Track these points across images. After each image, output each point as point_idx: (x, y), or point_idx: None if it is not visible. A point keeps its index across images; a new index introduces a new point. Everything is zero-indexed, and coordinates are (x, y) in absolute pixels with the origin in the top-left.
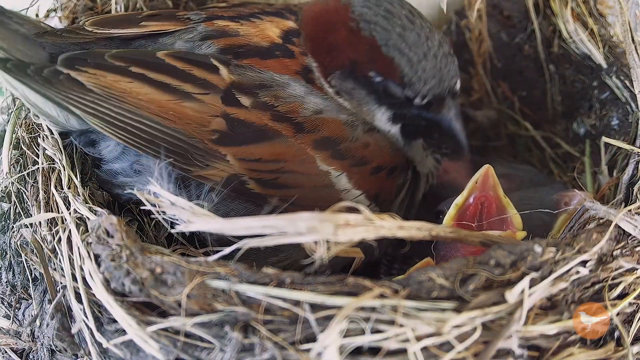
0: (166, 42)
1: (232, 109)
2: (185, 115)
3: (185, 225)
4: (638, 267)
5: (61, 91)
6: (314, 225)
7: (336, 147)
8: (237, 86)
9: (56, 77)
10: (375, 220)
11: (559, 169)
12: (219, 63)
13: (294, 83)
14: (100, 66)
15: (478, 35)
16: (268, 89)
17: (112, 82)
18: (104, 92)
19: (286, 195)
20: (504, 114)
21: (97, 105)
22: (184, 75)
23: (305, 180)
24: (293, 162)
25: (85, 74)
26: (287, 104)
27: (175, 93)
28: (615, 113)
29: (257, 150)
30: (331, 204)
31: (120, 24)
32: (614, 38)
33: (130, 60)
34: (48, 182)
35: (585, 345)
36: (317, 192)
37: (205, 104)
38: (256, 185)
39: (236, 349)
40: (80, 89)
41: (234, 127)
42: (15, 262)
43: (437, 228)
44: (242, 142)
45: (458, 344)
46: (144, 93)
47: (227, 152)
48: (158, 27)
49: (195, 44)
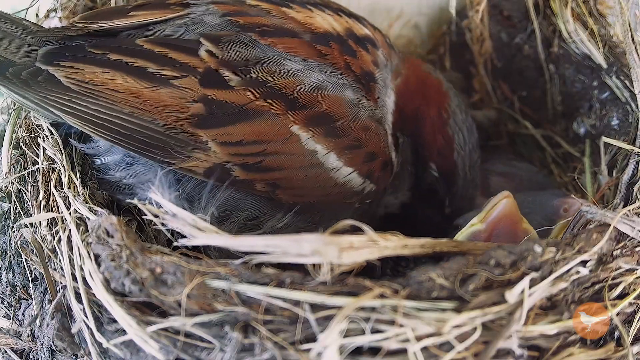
0: (157, 30)
1: (210, 91)
2: (163, 103)
3: (189, 240)
4: (638, 267)
5: (38, 93)
6: (317, 249)
7: (331, 125)
8: (225, 64)
9: (34, 79)
10: (379, 240)
11: (559, 168)
12: (208, 40)
13: (305, 65)
14: (78, 59)
15: (479, 35)
16: (262, 65)
17: (88, 75)
18: (80, 89)
19: (271, 179)
20: (504, 113)
21: (74, 104)
22: (161, 59)
23: (291, 161)
24: (276, 142)
25: (62, 69)
26: (282, 79)
27: (153, 79)
28: (615, 113)
29: (237, 131)
30: (320, 184)
31: (109, 16)
32: (614, 38)
33: (109, 48)
34: (48, 182)
35: (585, 345)
36: (304, 172)
37: (182, 88)
38: (240, 171)
39: (236, 349)
40: (57, 89)
41: (213, 109)
42: (15, 262)
43: (440, 244)
44: (221, 123)
45: (458, 344)
46: (120, 84)
47: (208, 137)
48: (147, 16)
49: (189, 28)
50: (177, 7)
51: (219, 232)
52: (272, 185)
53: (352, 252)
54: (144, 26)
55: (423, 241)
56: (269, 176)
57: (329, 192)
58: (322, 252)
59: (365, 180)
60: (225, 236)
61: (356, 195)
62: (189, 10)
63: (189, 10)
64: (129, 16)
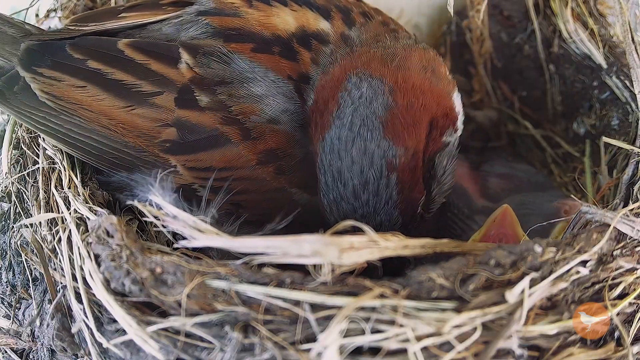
0: (154, 29)
1: (184, 112)
2: (136, 126)
3: (189, 242)
4: (638, 267)
5: (14, 107)
6: (318, 249)
7: (278, 162)
8: (198, 81)
9: (10, 89)
10: (380, 241)
11: (559, 169)
12: (186, 51)
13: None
14: (57, 65)
15: (479, 35)
16: (226, 85)
17: (64, 90)
18: (55, 105)
19: (235, 200)
20: (504, 113)
21: (48, 122)
22: (140, 70)
23: (256, 185)
24: (243, 168)
25: (40, 78)
26: (240, 104)
27: (128, 97)
28: (615, 113)
29: (207, 158)
30: (282, 205)
31: (99, 18)
32: (614, 38)
33: (89, 52)
34: (48, 182)
35: (585, 345)
36: (268, 195)
37: (157, 108)
38: (205, 192)
39: (236, 349)
40: (32, 103)
41: (185, 135)
42: (16, 262)
43: (441, 244)
44: (193, 149)
45: (458, 344)
46: (96, 102)
47: (177, 162)
48: (138, 17)
49: (182, 26)
50: (170, 8)
51: (220, 234)
52: (235, 205)
53: (353, 253)
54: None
55: (424, 241)
56: (233, 198)
57: (292, 212)
58: (323, 253)
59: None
60: (226, 237)
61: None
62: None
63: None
64: (119, 17)
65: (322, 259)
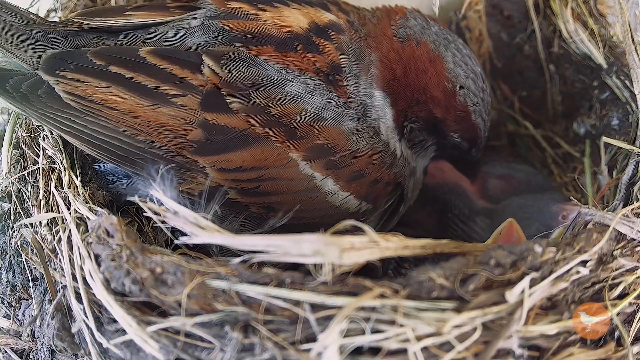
0: (159, 32)
1: (211, 115)
2: (162, 124)
3: (190, 238)
4: (638, 266)
5: (38, 109)
6: (318, 249)
7: (330, 158)
8: (227, 85)
9: (34, 93)
10: (380, 241)
11: (559, 169)
12: (209, 58)
13: (296, 82)
14: (80, 69)
15: (478, 35)
16: (261, 89)
17: (88, 90)
18: (80, 106)
19: (267, 202)
20: (504, 113)
21: (73, 122)
22: (162, 74)
23: (287, 185)
24: (274, 167)
25: (63, 81)
26: (282, 105)
27: (152, 96)
28: (615, 113)
29: (236, 158)
30: (316, 207)
31: (104, 14)
32: (614, 38)
33: (111, 59)
34: (48, 182)
35: (586, 345)
36: (300, 196)
37: (182, 107)
38: (236, 194)
39: (236, 349)
40: (56, 105)
41: (213, 135)
42: (16, 262)
43: (441, 245)
44: (221, 150)
45: (458, 344)
46: (120, 101)
47: (206, 163)
48: (144, 16)
49: (188, 31)
50: (177, 11)
51: (221, 231)
52: (266, 208)
53: (353, 253)
54: (145, 27)
55: (424, 242)
56: (265, 200)
57: (323, 213)
58: (323, 253)
59: (362, 202)
60: (227, 235)
61: (351, 215)
62: (189, 14)
63: (190, 14)
64: (124, 15)
65: (323, 259)
